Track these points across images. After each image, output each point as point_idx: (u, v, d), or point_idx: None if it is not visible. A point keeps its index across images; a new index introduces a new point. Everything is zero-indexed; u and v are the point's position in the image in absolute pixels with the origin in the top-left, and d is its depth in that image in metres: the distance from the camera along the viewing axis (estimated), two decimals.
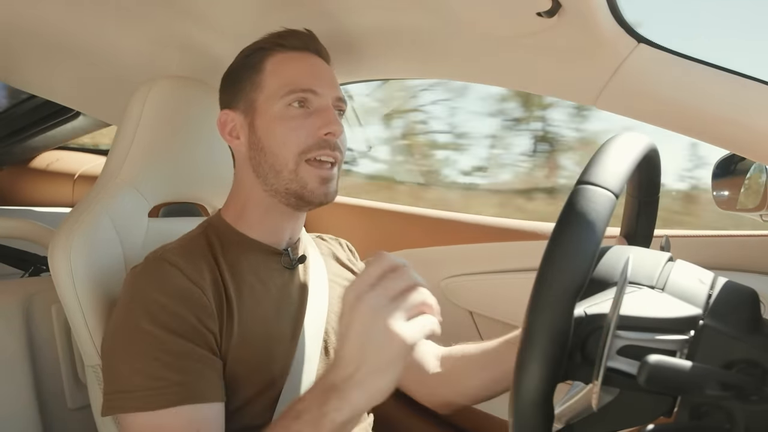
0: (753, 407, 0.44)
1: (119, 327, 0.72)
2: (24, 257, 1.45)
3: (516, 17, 0.75)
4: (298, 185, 0.80)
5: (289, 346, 0.80)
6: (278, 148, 0.79)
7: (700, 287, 0.49)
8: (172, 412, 0.66)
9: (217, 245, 0.81)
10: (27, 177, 2.39)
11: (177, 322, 0.69)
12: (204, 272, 0.75)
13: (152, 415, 0.66)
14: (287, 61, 0.82)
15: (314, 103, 0.81)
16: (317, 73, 0.83)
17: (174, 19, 1.02)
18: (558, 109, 2.17)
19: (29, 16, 1.06)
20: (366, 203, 1.57)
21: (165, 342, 0.68)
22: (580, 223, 0.44)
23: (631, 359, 0.45)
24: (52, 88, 1.44)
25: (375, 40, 1.00)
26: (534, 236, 1.20)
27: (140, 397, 0.66)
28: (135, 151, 0.93)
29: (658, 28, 0.77)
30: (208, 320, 0.72)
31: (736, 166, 0.88)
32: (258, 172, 0.82)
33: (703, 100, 0.73)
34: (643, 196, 0.67)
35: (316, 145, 0.79)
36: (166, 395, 0.66)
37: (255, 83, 0.82)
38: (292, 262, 0.86)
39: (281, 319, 0.81)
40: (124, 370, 0.68)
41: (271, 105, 0.80)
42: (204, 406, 0.68)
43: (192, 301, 0.72)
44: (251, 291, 0.79)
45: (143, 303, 0.71)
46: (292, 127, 0.79)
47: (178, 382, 0.67)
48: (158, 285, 0.72)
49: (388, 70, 1.14)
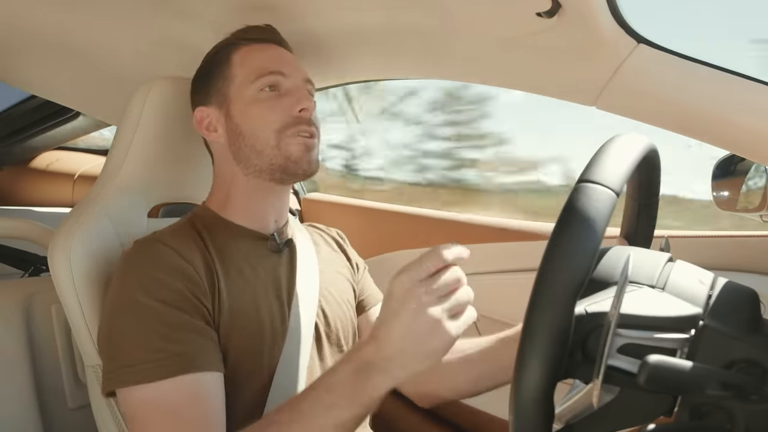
0: (753, 407, 0.44)
1: (115, 304, 0.73)
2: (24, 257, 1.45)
3: (516, 17, 0.75)
4: (283, 158, 0.82)
5: (281, 328, 0.82)
6: (258, 129, 0.83)
7: (700, 287, 0.49)
8: (173, 382, 0.66)
9: (205, 232, 0.83)
10: (27, 177, 2.38)
11: (172, 294, 0.71)
12: (195, 252, 0.78)
13: (153, 386, 0.66)
14: (253, 52, 0.86)
15: (284, 85, 0.85)
16: (283, 59, 0.87)
17: (173, 19, 1.02)
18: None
19: (29, 16, 1.06)
20: (366, 203, 1.57)
21: (161, 314, 0.69)
22: (581, 220, 0.44)
23: (631, 357, 0.45)
24: (51, 88, 1.43)
25: (375, 41, 1.00)
26: (534, 236, 1.20)
27: (140, 370, 0.67)
28: (134, 152, 0.94)
29: (662, 28, 0.77)
30: (201, 296, 0.74)
31: (736, 166, 0.88)
32: (239, 158, 0.85)
33: (703, 101, 0.73)
34: (642, 198, 0.67)
35: (293, 121, 0.83)
36: (165, 366, 0.67)
37: (225, 76, 0.86)
38: (279, 246, 0.88)
39: (271, 302, 0.82)
40: (123, 345, 0.69)
41: (243, 92, 0.84)
42: (204, 375, 0.69)
43: (186, 276, 0.73)
44: (240, 273, 0.81)
45: (138, 278, 0.72)
46: (268, 107, 0.83)
47: (177, 353, 0.68)
48: (151, 261, 0.74)
49: (388, 70, 1.14)
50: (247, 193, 0.86)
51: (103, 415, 0.84)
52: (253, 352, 0.77)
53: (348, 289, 0.97)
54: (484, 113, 2.06)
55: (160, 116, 0.94)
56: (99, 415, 0.86)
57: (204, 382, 0.69)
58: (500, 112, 2.07)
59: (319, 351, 0.86)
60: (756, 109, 0.70)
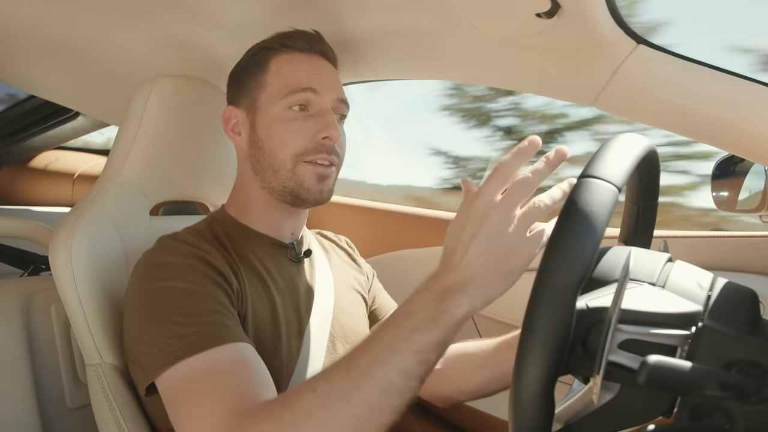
0: (752, 408, 0.44)
1: (140, 295, 0.72)
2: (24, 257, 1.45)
3: (515, 18, 0.75)
4: (295, 183, 0.81)
5: (297, 339, 0.81)
6: (277, 149, 0.81)
7: (700, 288, 0.49)
8: (218, 351, 0.65)
9: (224, 237, 0.82)
10: (26, 177, 2.38)
11: (201, 276, 0.71)
12: (217, 253, 0.77)
13: (202, 356, 0.65)
14: (292, 62, 0.83)
15: (315, 105, 0.82)
16: (320, 74, 0.84)
17: (176, 17, 1.02)
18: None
19: (29, 16, 1.06)
20: (366, 203, 1.57)
21: (194, 292, 0.70)
22: (584, 214, 0.44)
23: (632, 354, 0.45)
24: (51, 88, 1.43)
25: (376, 41, 1.00)
26: None
27: (188, 343, 0.65)
28: (137, 150, 0.93)
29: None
30: (226, 284, 0.74)
31: (735, 167, 0.88)
32: (256, 170, 0.84)
33: (703, 101, 0.73)
34: (642, 201, 0.67)
35: (314, 148, 0.81)
36: (209, 336, 0.66)
37: (258, 82, 0.84)
38: (297, 256, 0.87)
39: (288, 311, 0.82)
40: (159, 328, 0.68)
41: (272, 105, 0.82)
42: (245, 345, 0.68)
43: (211, 265, 0.74)
44: (260, 278, 0.80)
45: (164, 268, 0.72)
46: (292, 129, 0.81)
47: (218, 323, 0.68)
48: (176, 253, 0.74)
49: (388, 71, 1.14)
50: (264, 203, 0.86)
51: (103, 415, 0.84)
52: (268, 365, 0.76)
53: (360, 301, 0.97)
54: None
55: (162, 115, 0.94)
56: (99, 415, 0.86)
57: (248, 350, 0.68)
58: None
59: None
60: (756, 110, 0.70)
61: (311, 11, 0.94)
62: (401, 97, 2.55)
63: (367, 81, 1.26)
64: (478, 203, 0.55)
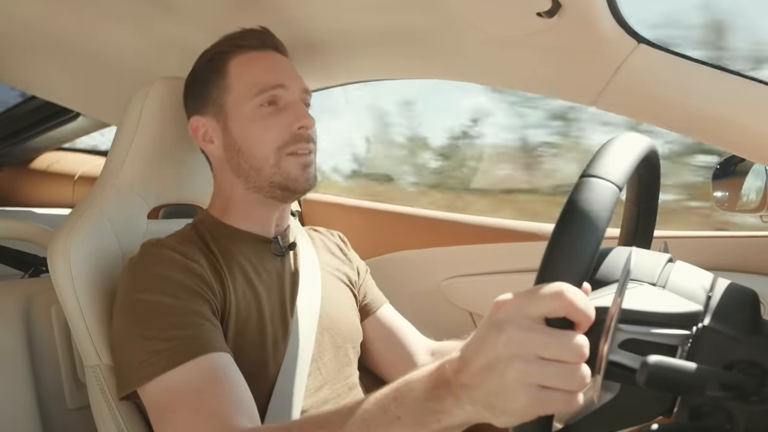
0: (753, 408, 0.44)
1: (123, 306, 0.74)
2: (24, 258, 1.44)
3: (516, 17, 0.75)
4: (282, 177, 0.83)
5: (282, 330, 0.82)
6: (256, 148, 0.83)
7: (700, 288, 0.49)
8: (192, 365, 0.67)
9: (208, 236, 0.84)
10: (27, 178, 2.38)
11: (179, 288, 0.72)
12: (200, 255, 0.79)
13: (173, 373, 0.67)
14: (250, 62, 0.85)
15: (284, 99, 0.84)
16: (281, 69, 0.86)
17: (174, 20, 1.02)
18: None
19: (29, 17, 1.06)
20: (366, 203, 1.56)
21: (171, 306, 0.71)
22: (584, 213, 0.44)
23: (632, 353, 0.45)
24: (52, 89, 1.43)
25: (376, 41, 1.00)
26: (534, 237, 1.19)
27: (158, 360, 0.68)
28: (134, 153, 0.94)
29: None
30: (209, 291, 0.75)
31: (736, 167, 0.88)
32: (238, 172, 0.85)
33: (703, 101, 0.73)
34: (642, 201, 0.67)
35: (292, 139, 0.83)
36: (181, 351, 0.68)
37: (221, 87, 0.85)
38: (281, 249, 0.89)
39: (273, 304, 0.83)
40: (135, 345, 0.70)
41: (241, 107, 0.83)
42: (221, 355, 0.70)
43: (193, 272, 0.75)
44: (243, 275, 0.82)
45: (144, 278, 0.74)
46: (267, 126, 0.82)
47: (191, 336, 0.69)
48: (158, 262, 0.75)
49: (388, 71, 1.14)
50: (248, 203, 0.87)
51: (103, 416, 0.84)
52: (255, 359, 0.78)
53: (349, 293, 0.97)
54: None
55: (160, 117, 0.94)
56: (98, 416, 0.86)
57: (222, 361, 0.70)
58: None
59: (321, 357, 0.85)
60: (756, 110, 0.70)
61: (310, 10, 0.94)
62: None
63: (366, 81, 1.26)
64: (502, 312, 0.44)
